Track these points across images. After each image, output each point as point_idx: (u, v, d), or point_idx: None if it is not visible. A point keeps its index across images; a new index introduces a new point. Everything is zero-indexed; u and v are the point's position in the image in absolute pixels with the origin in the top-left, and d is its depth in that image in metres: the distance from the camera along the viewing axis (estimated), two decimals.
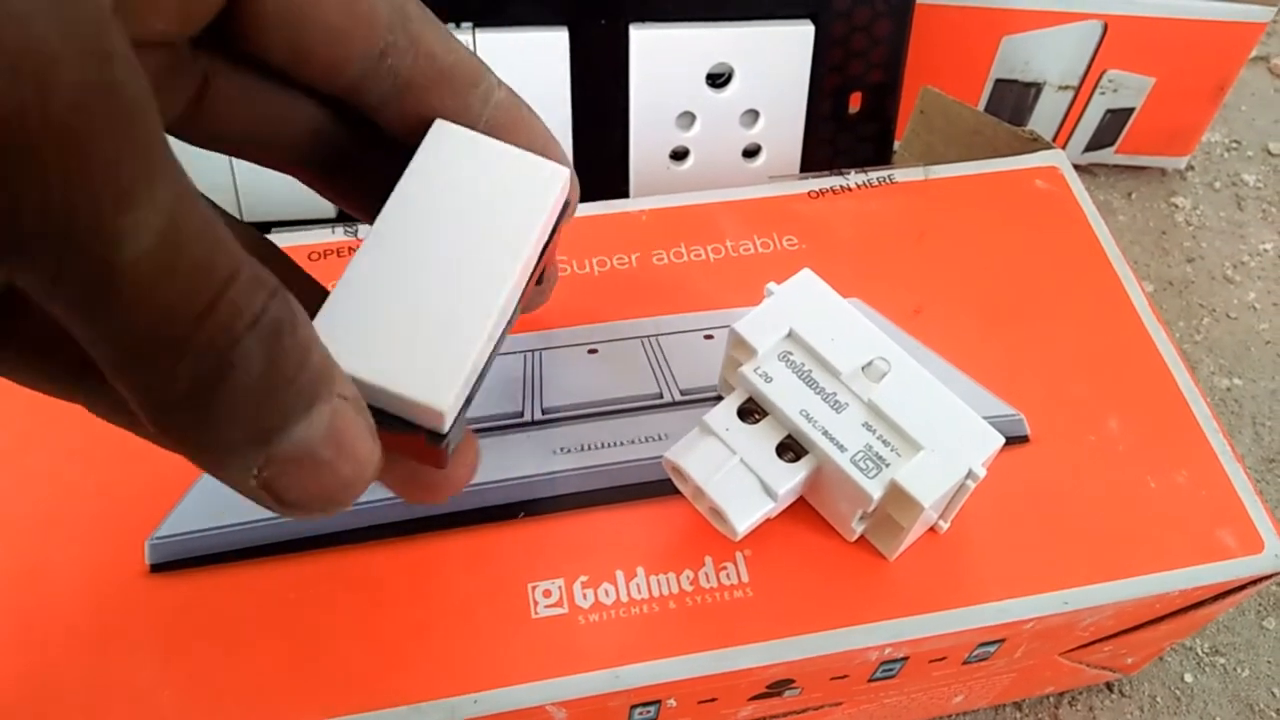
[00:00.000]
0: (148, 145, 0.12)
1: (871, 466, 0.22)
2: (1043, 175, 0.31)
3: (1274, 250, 0.42)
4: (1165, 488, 0.25)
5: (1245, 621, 0.33)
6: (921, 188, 0.31)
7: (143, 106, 0.12)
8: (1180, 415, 0.26)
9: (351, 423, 0.14)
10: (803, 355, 0.23)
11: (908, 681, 0.26)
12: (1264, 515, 0.25)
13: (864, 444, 0.22)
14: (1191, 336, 0.40)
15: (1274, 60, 0.49)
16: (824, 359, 0.23)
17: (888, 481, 0.22)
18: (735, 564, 0.23)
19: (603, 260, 0.29)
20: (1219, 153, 0.46)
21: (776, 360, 0.23)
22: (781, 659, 0.22)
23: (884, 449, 0.22)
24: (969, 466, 0.22)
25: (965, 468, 0.22)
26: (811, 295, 0.24)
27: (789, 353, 0.23)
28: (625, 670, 0.22)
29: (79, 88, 0.11)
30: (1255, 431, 0.37)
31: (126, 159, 0.11)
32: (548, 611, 0.23)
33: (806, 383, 0.23)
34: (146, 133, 0.12)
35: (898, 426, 0.22)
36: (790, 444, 0.23)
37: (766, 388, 0.23)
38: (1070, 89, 0.41)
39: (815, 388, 0.23)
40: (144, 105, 0.12)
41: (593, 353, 0.27)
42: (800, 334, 0.23)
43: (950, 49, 0.39)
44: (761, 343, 0.23)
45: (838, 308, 0.24)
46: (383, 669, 0.22)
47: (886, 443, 0.22)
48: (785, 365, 0.23)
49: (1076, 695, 0.31)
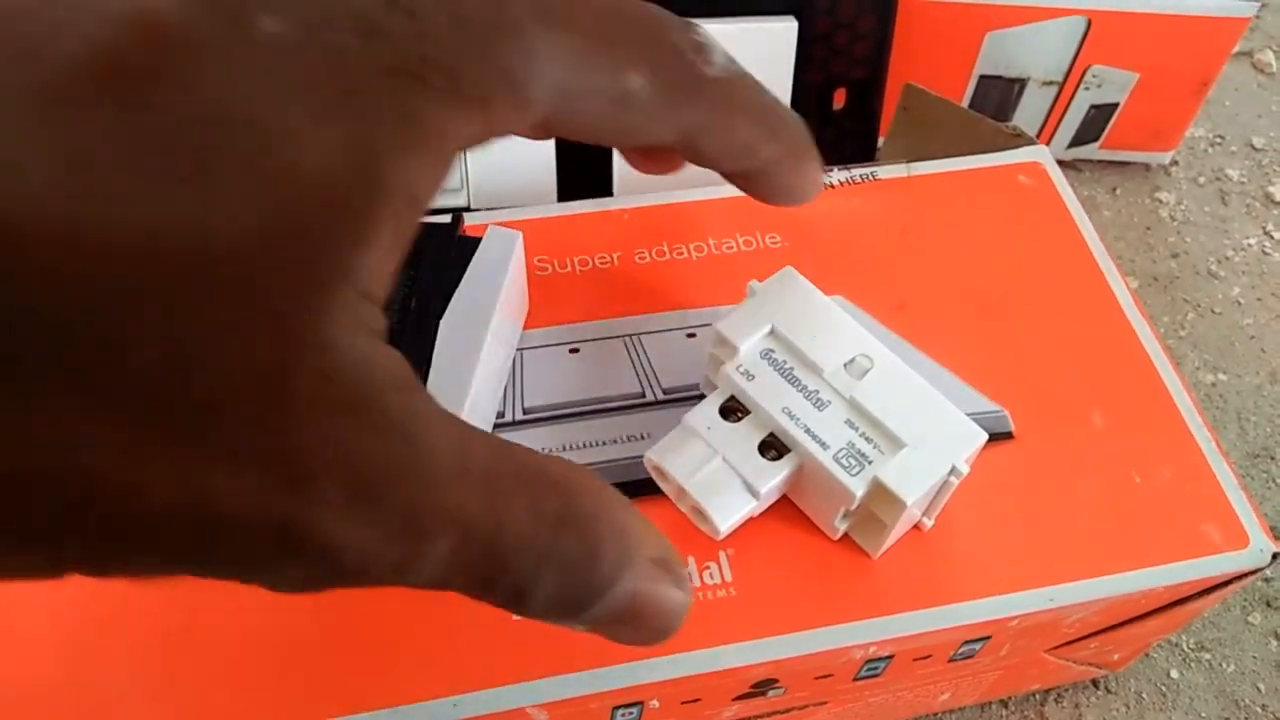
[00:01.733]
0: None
1: (854, 464, 0.22)
2: (1026, 171, 0.31)
3: (1258, 245, 0.42)
4: (1150, 483, 0.25)
5: (1230, 617, 0.33)
6: (905, 184, 0.31)
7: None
8: (1165, 411, 0.26)
9: (650, 589, 0.16)
10: (785, 353, 0.23)
11: (893, 680, 0.25)
12: (1249, 510, 0.25)
13: (846, 441, 0.22)
14: (1176, 332, 0.40)
15: (1257, 55, 0.49)
16: (806, 357, 0.23)
17: (870, 479, 0.22)
18: (718, 563, 0.23)
19: (584, 259, 0.28)
20: (1203, 148, 0.46)
21: (759, 359, 0.23)
22: (765, 658, 0.22)
23: (867, 446, 0.22)
24: (952, 463, 0.22)
25: (948, 465, 0.22)
26: (793, 293, 0.24)
27: (771, 350, 0.23)
28: (607, 671, 0.22)
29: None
30: (1240, 427, 0.37)
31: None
32: None
33: (789, 380, 0.23)
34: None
35: (880, 424, 0.22)
36: (772, 442, 0.23)
37: (748, 386, 0.23)
38: (1054, 85, 0.41)
39: (797, 385, 0.23)
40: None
41: (574, 352, 0.27)
42: (782, 332, 0.23)
43: (934, 45, 0.39)
44: (743, 341, 0.23)
45: (820, 305, 0.24)
46: (362, 672, 0.21)
47: (869, 440, 0.22)
48: (767, 363, 0.23)
49: (1063, 692, 0.31)
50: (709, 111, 0.18)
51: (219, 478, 0.12)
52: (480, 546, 0.14)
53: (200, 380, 0.12)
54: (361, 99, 0.13)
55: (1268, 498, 0.35)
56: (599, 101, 0.16)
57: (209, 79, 0.12)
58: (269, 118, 0.12)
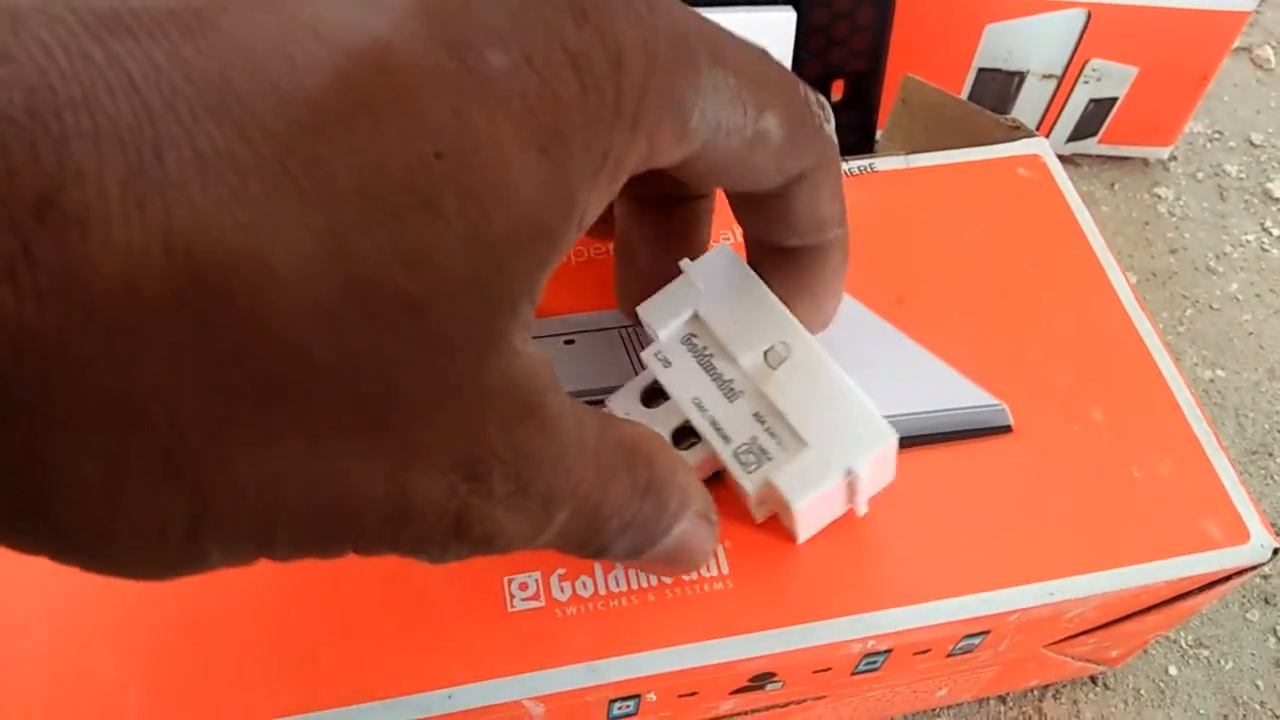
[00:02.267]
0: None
1: (752, 461, 0.21)
2: (1025, 163, 0.31)
3: (1256, 241, 0.42)
4: (1150, 478, 0.25)
5: (1229, 614, 0.33)
6: (903, 176, 0.31)
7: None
8: (1165, 405, 0.26)
9: (694, 536, 0.20)
10: (705, 339, 0.22)
11: (891, 674, 0.25)
12: (1249, 506, 0.25)
13: (750, 436, 0.21)
14: (1174, 328, 0.40)
15: (1256, 51, 0.49)
16: (723, 344, 0.22)
17: (763, 479, 0.21)
18: (715, 557, 0.23)
19: (580, 250, 0.28)
20: (1201, 143, 0.46)
21: (679, 344, 0.22)
22: (762, 652, 0.22)
23: (770, 442, 0.21)
24: (848, 466, 0.21)
25: (844, 468, 0.21)
26: (724, 273, 0.22)
27: (693, 336, 0.22)
28: (604, 664, 0.21)
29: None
30: (1239, 423, 0.37)
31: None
32: (524, 605, 0.22)
33: (705, 368, 0.22)
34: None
35: (785, 419, 0.21)
36: (688, 429, 0.22)
37: (664, 374, 0.22)
38: (1053, 78, 0.41)
39: (713, 374, 0.22)
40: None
41: (569, 343, 0.26)
42: (704, 317, 0.22)
43: (933, 37, 0.39)
44: (663, 326, 0.22)
45: (749, 287, 0.22)
46: (355, 663, 0.21)
47: (774, 435, 0.21)
48: (687, 349, 0.22)
49: (1061, 688, 0.31)
50: (817, 164, 0.19)
51: (418, 474, 0.13)
52: (585, 517, 0.16)
53: (409, 389, 0.13)
54: (568, 131, 0.14)
55: (1265, 494, 0.35)
56: (739, 139, 0.17)
57: (439, 110, 0.12)
58: (488, 149, 0.13)
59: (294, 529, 0.13)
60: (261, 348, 0.11)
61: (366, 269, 0.12)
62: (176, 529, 0.12)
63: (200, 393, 0.11)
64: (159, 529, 0.12)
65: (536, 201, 0.13)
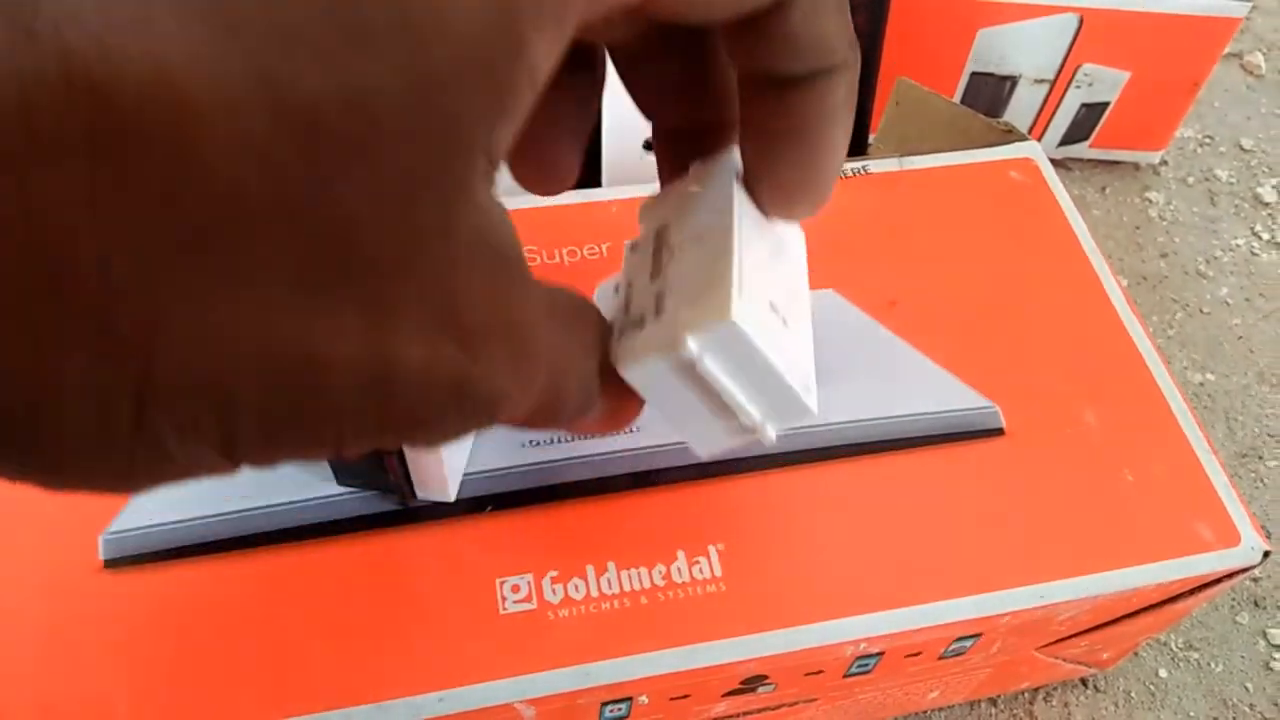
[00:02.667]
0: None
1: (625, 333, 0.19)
2: (1017, 167, 0.31)
3: (1246, 246, 0.43)
4: (1142, 481, 0.25)
5: (1219, 617, 0.33)
6: (896, 179, 0.31)
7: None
8: (1157, 409, 0.26)
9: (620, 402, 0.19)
10: (669, 233, 0.20)
11: (883, 677, 0.25)
12: (1240, 509, 0.25)
13: (640, 314, 0.19)
14: (1164, 331, 0.40)
15: (1247, 57, 0.49)
16: (669, 236, 0.20)
17: (613, 351, 0.18)
18: (708, 558, 0.23)
19: (573, 250, 0.28)
20: (1192, 148, 0.46)
21: (651, 236, 0.20)
22: (755, 654, 0.22)
23: (650, 315, 0.18)
24: (686, 339, 0.17)
25: (674, 342, 0.17)
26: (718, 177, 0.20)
27: (666, 228, 0.20)
28: (596, 667, 0.21)
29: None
30: (1228, 426, 0.37)
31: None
32: (516, 607, 0.22)
33: (653, 256, 0.20)
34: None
35: (667, 290, 0.18)
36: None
37: (626, 260, 0.21)
38: (1045, 83, 0.41)
39: (655, 261, 0.20)
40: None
41: None
42: (679, 213, 0.20)
43: (926, 41, 0.39)
44: (645, 220, 0.21)
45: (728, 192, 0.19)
46: (346, 667, 0.21)
47: (658, 310, 0.18)
48: (653, 240, 0.20)
49: (1052, 691, 0.31)
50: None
51: (399, 336, 0.12)
52: (553, 379, 0.16)
53: (372, 240, 0.12)
54: None
55: (1255, 497, 0.35)
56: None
57: None
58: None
59: (258, 406, 0.12)
60: (188, 188, 0.10)
61: (298, 100, 0.11)
62: (123, 409, 0.11)
63: (126, 244, 0.10)
64: (104, 410, 0.11)
65: (475, 36, 0.12)
